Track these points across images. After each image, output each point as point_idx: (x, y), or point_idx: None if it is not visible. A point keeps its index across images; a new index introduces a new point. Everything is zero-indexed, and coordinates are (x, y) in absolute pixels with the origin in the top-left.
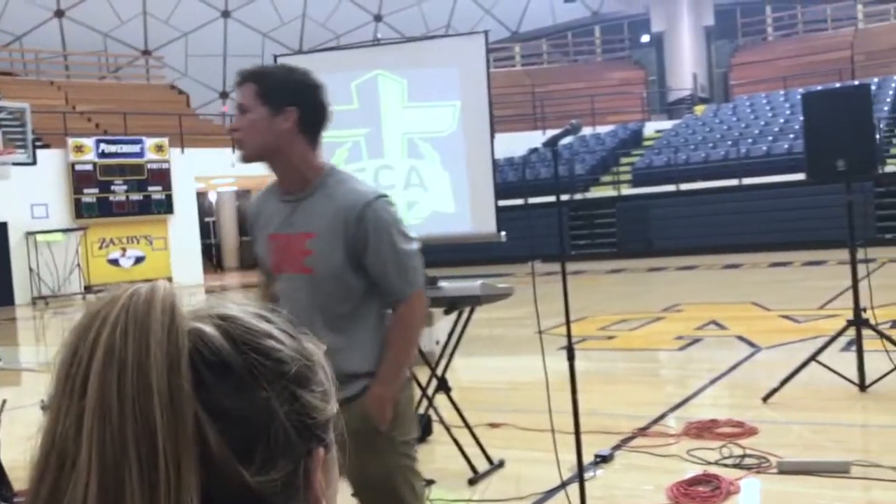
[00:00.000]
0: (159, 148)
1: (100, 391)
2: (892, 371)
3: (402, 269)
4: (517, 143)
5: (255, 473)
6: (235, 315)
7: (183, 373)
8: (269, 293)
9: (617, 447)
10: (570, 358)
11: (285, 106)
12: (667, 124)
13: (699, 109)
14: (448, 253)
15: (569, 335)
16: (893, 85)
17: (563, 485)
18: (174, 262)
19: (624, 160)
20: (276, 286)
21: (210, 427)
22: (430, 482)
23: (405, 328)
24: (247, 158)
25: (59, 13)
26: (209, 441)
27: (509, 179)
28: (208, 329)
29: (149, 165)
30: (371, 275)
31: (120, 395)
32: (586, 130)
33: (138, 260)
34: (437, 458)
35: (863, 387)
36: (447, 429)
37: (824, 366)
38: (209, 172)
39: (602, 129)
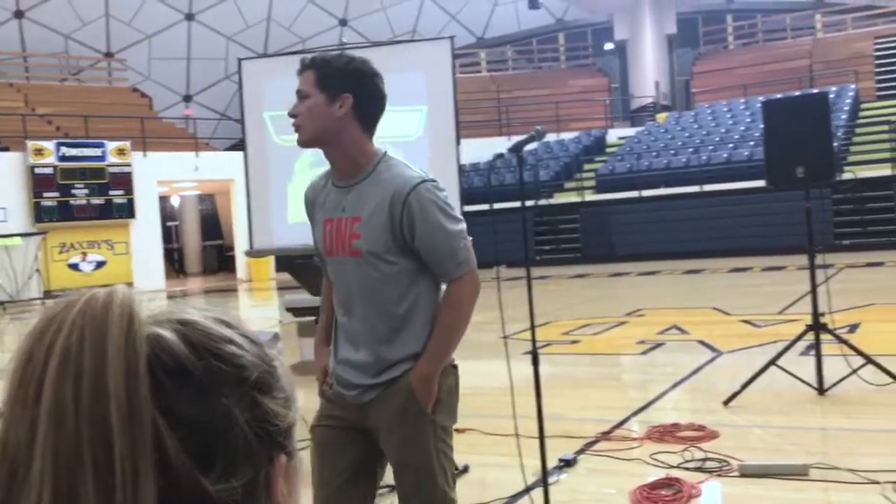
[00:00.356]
0: (121, 151)
1: (55, 397)
2: (849, 375)
3: (452, 250)
4: (482, 149)
5: (214, 481)
6: (195, 320)
7: (141, 378)
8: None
9: (581, 451)
10: (535, 362)
11: (341, 93)
12: (630, 131)
13: (661, 117)
14: None
15: (533, 340)
16: (850, 93)
17: (528, 489)
18: (136, 266)
19: (587, 167)
20: (329, 270)
21: (168, 434)
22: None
23: (455, 308)
24: (303, 143)
25: (19, 14)
26: (167, 448)
27: (475, 185)
28: (167, 334)
29: (110, 169)
30: (422, 258)
31: (76, 401)
32: (550, 137)
33: (99, 265)
34: None
35: (821, 390)
36: None
37: (784, 370)
38: (172, 176)
39: (566, 136)
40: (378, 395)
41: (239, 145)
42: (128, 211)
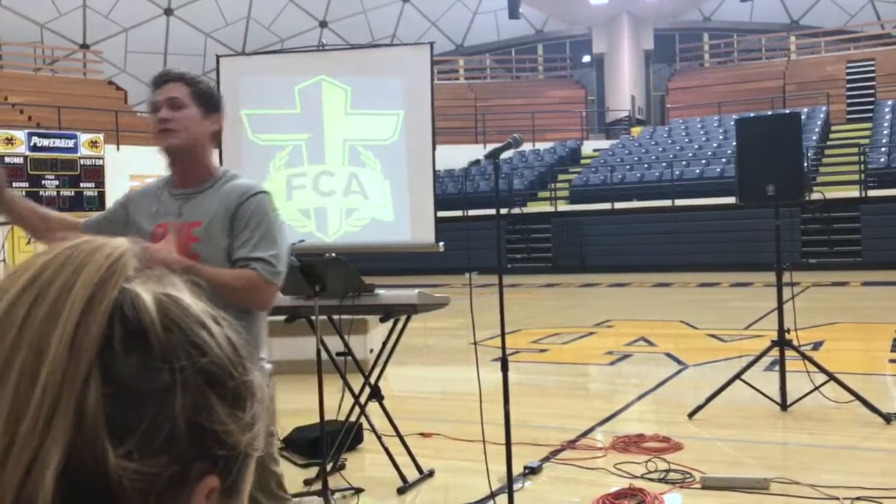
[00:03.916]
0: (94, 144)
1: (5, 311)
2: (812, 391)
3: (268, 248)
4: (458, 156)
5: (120, 455)
6: (182, 299)
7: (96, 317)
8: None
9: (546, 459)
10: (504, 369)
11: (215, 112)
12: (604, 144)
13: (636, 131)
14: (385, 262)
15: (503, 347)
16: (822, 115)
17: (492, 495)
18: None
19: (562, 177)
20: None
21: (96, 386)
22: (358, 490)
23: (244, 283)
24: (172, 148)
25: None
26: (87, 399)
27: (449, 191)
28: (145, 294)
29: (82, 161)
30: (235, 243)
31: (25, 320)
32: (526, 146)
33: None
34: (366, 467)
35: (784, 406)
36: (378, 437)
37: (748, 384)
38: (144, 171)
39: (541, 146)
40: None
41: None
42: (98, 204)
